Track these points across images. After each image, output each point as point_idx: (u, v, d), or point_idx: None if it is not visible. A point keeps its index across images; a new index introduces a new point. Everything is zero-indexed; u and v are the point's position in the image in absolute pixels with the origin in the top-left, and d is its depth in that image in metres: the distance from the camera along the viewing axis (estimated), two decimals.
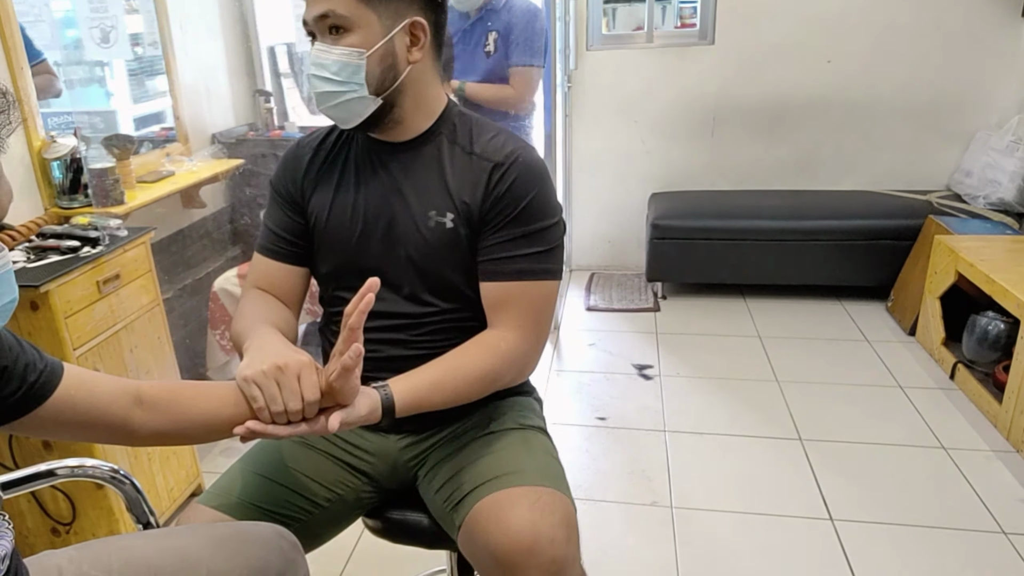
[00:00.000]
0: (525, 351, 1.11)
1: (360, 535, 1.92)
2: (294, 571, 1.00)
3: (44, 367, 0.83)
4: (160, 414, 0.90)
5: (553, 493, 1.04)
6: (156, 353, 1.97)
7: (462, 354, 1.09)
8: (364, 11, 1.03)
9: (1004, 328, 2.46)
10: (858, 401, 2.55)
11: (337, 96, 1.06)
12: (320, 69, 1.04)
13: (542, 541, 0.96)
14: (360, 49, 1.04)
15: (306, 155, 1.20)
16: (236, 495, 1.10)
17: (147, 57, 2.59)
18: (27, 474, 1.06)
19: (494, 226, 1.11)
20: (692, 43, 3.56)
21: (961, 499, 2.03)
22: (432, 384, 1.04)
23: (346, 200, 1.16)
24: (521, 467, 1.08)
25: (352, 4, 1.02)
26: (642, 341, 3.07)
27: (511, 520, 0.98)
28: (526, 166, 1.10)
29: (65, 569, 0.88)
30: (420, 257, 1.13)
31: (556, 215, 1.13)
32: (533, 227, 1.10)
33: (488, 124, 1.17)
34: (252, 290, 1.20)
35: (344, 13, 1.02)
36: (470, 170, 1.11)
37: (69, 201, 2.03)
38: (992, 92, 3.35)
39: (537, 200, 1.10)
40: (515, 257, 1.10)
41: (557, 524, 0.99)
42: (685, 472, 2.20)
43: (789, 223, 3.28)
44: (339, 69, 1.04)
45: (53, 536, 1.82)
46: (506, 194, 1.09)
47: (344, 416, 0.91)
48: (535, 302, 1.11)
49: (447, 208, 1.11)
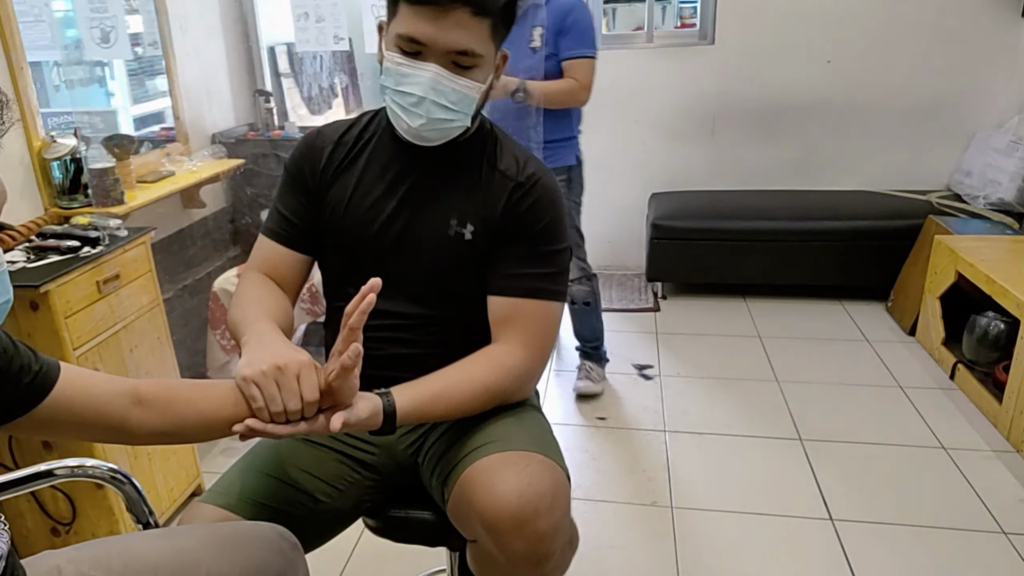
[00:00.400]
0: (529, 369, 1.12)
1: (360, 535, 1.92)
2: (294, 571, 1.00)
3: (40, 368, 0.83)
4: (158, 413, 0.90)
5: (543, 460, 1.04)
6: (156, 353, 1.97)
7: (468, 367, 1.09)
8: (490, 48, 1.06)
9: (1004, 328, 2.46)
10: (858, 401, 2.55)
11: (447, 123, 1.07)
12: (439, 96, 1.04)
13: (527, 510, 0.96)
14: (480, 84, 1.07)
15: (328, 146, 1.19)
16: (238, 493, 1.10)
17: (147, 57, 2.59)
18: (26, 474, 1.06)
19: (509, 243, 1.12)
20: (692, 43, 3.57)
21: (961, 499, 2.03)
22: (435, 395, 1.04)
23: (366, 197, 1.16)
24: (510, 435, 1.09)
25: (486, 42, 1.04)
26: (642, 341, 3.07)
27: (497, 486, 0.99)
28: (545, 189, 1.13)
29: (64, 569, 0.88)
30: (434, 264, 1.14)
31: (566, 240, 1.16)
32: (546, 248, 1.13)
33: (511, 141, 1.19)
34: (253, 273, 1.19)
35: (480, 52, 1.04)
36: (493, 185, 1.13)
37: (69, 201, 2.03)
38: (992, 92, 3.35)
39: (552, 223, 1.13)
40: (527, 275, 1.12)
41: (544, 493, 0.98)
42: (685, 472, 2.20)
43: (789, 223, 3.28)
44: (458, 100, 1.06)
45: (53, 536, 1.82)
46: (525, 213, 1.12)
47: (346, 417, 0.91)
48: (542, 321, 1.13)
49: (468, 219, 1.13)
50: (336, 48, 2.97)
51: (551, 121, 2.24)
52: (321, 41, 2.92)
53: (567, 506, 1.04)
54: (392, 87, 1.06)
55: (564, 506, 1.03)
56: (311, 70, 3.23)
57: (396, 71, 1.05)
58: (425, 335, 1.17)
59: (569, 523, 1.06)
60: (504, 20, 1.06)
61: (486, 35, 1.03)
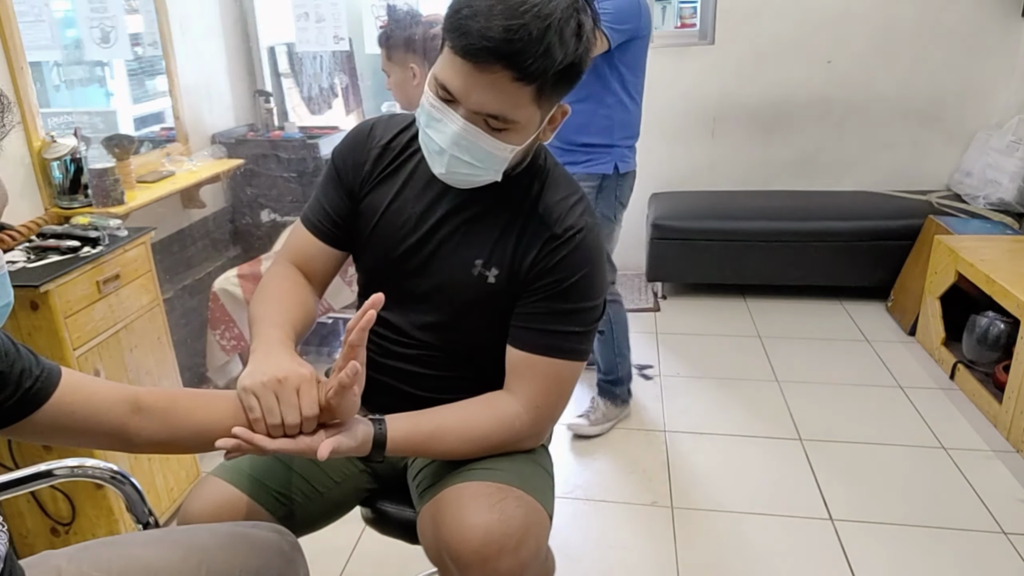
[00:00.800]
0: (537, 433, 1.08)
1: (360, 535, 1.92)
2: (294, 571, 1.00)
3: (40, 372, 0.82)
4: (157, 422, 0.89)
5: (520, 497, 1.01)
6: (156, 353, 1.97)
7: (470, 413, 1.05)
8: (532, 112, 0.95)
9: (1004, 328, 2.46)
10: (858, 401, 2.55)
11: (471, 176, 1.01)
12: (462, 152, 0.97)
13: (491, 547, 0.94)
14: (513, 146, 0.97)
15: (375, 150, 1.14)
16: (246, 469, 1.12)
17: (147, 57, 2.58)
18: (26, 474, 1.06)
19: (534, 295, 1.05)
20: (692, 43, 3.56)
21: (961, 499, 2.03)
22: (430, 434, 1.02)
23: (399, 215, 1.11)
24: (496, 465, 1.05)
25: (526, 107, 0.94)
26: (642, 341, 3.07)
27: (466, 518, 0.97)
28: (581, 244, 1.04)
29: (64, 569, 0.88)
30: (449, 301, 1.11)
31: (599, 297, 1.08)
32: (573, 306, 1.05)
33: (563, 182, 1.09)
34: (283, 264, 1.16)
35: (516, 119, 0.94)
36: (528, 231, 1.05)
37: (69, 201, 2.03)
38: (992, 92, 3.35)
39: (584, 281, 1.04)
40: (548, 332, 1.05)
41: (512, 531, 0.95)
42: (685, 472, 2.19)
43: (789, 223, 3.27)
44: (484, 158, 0.97)
45: (53, 536, 1.82)
46: (554, 268, 1.04)
47: (336, 444, 0.90)
48: (558, 381, 1.07)
49: (495, 263, 1.07)
50: (336, 48, 2.96)
51: (589, 123, 2.17)
52: (321, 41, 2.92)
53: (538, 546, 1.00)
54: (423, 127, 1.00)
55: (534, 546, 0.98)
56: (311, 70, 3.23)
57: (427, 112, 0.98)
58: (430, 360, 1.16)
59: (541, 563, 1.02)
60: (558, 84, 0.94)
61: (526, 100, 0.93)
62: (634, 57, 2.16)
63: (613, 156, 2.22)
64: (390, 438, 0.98)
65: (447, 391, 1.11)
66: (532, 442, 1.10)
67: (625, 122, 2.23)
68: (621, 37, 2.06)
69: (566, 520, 2.01)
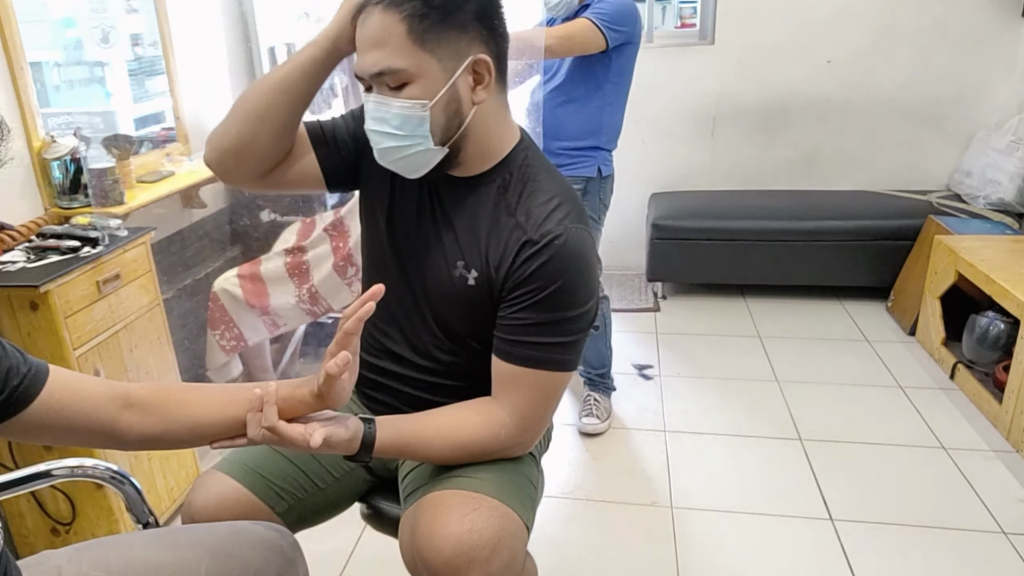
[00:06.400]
0: (523, 442, 1.08)
1: (360, 535, 1.92)
2: (294, 571, 1.00)
3: (28, 370, 0.82)
4: (149, 416, 0.89)
5: (496, 507, 0.99)
6: (156, 353, 1.97)
7: (458, 419, 1.05)
8: (423, 58, 0.93)
9: (1004, 328, 2.46)
10: (858, 401, 2.55)
11: (401, 151, 0.98)
12: (380, 124, 0.97)
13: (460, 558, 0.93)
14: (423, 100, 0.95)
15: None
16: (248, 464, 1.14)
17: (147, 57, 2.58)
18: (26, 474, 1.06)
19: (514, 304, 1.02)
20: (692, 43, 3.56)
21: (961, 499, 2.03)
22: (417, 436, 1.03)
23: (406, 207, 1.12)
24: (476, 473, 1.04)
25: (408, 52, 0.92)
26: (642, 341, 3.07)
27: (438, 527, 0.96)
28: (560, 250, 0.98)
29: (64, 569, 0.88)
30: (430, 300, 1.11)
31: (585, 304, 1.02)
32: (556, 316, 1.00)
33: (546, 184, 1.05)
34: None
35: (402, 67, 0.93)
36: (505, 234, 1.02)
37: (69, 201, 2.03)
38: (992, 92, 3.35)
39: (564, 288, 0.99)
40: (532, 344, 1.02)
41: (483, 542, 0.94)
42: (685, 472, 2.19)
43: (789, 223, 3.27)
44: (401, 123, 0.96)
45: (53, 536, 1.82)
46: (531, 277, 0.99)
47: (328, 433, 0.91)
48: (544, 392, 1.06)
49: (473, 264, 1.05)
50: None
51: (576, 125, 2.17)
52: None
53: (512, 557, 0.98)
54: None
55: (507, 557, 0.97)
56: None
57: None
58: (417, 350, 1.16)
59: (516, 573, 1.01)
60: (436, 22, 0.92)
61: (404, 42, 0.92)
62: (626, 62, 2.16)
63: (597, 159, 2.24)
64: (378, 438, 0.99)
65: (440, 393, 1.13)
66: (519, 450, 1.10)
67: (612, 126, 2.25)
68: (618, 39, 2.05)
69: (566, 520, 2.01)
